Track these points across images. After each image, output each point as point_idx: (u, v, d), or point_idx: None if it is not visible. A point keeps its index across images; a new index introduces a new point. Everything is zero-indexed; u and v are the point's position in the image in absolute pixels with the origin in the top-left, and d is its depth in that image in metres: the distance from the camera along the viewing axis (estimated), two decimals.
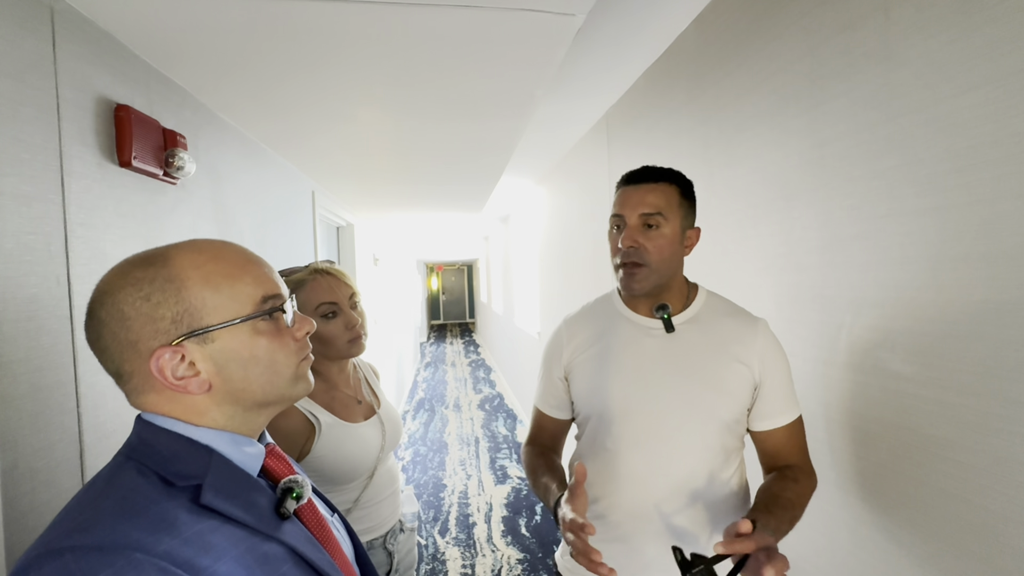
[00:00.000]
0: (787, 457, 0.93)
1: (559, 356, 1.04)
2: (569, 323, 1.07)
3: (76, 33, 0.96)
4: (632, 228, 0.91)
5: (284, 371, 0.58)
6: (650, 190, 0.91)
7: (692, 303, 0.97)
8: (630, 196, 0.93)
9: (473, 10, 0.99)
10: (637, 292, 0.93)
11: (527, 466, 1.03)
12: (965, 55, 0.74)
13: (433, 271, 16.58)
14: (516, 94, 1.46)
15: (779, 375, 0.92)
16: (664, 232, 0.91)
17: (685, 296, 0.98)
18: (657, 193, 0.91)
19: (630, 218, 0.92)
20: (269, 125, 1.69)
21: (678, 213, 0.92)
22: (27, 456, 0.81)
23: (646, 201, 0.91)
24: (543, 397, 1.07)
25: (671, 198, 0.91)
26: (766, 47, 1.18)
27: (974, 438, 0.76)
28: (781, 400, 0.92)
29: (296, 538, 0.55)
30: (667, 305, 0.94)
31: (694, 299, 0.98)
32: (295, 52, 1.16)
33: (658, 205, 0.90)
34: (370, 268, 4.26)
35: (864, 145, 0.93)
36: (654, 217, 0.90)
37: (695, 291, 0.99)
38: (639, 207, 0.91)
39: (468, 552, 2.91)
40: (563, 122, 2.49)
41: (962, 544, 0.79)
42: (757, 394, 0.92)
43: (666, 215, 0.90)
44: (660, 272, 0.92)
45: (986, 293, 0.73)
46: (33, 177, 0.85)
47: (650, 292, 0.94)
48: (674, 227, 0.91)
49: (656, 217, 0.90)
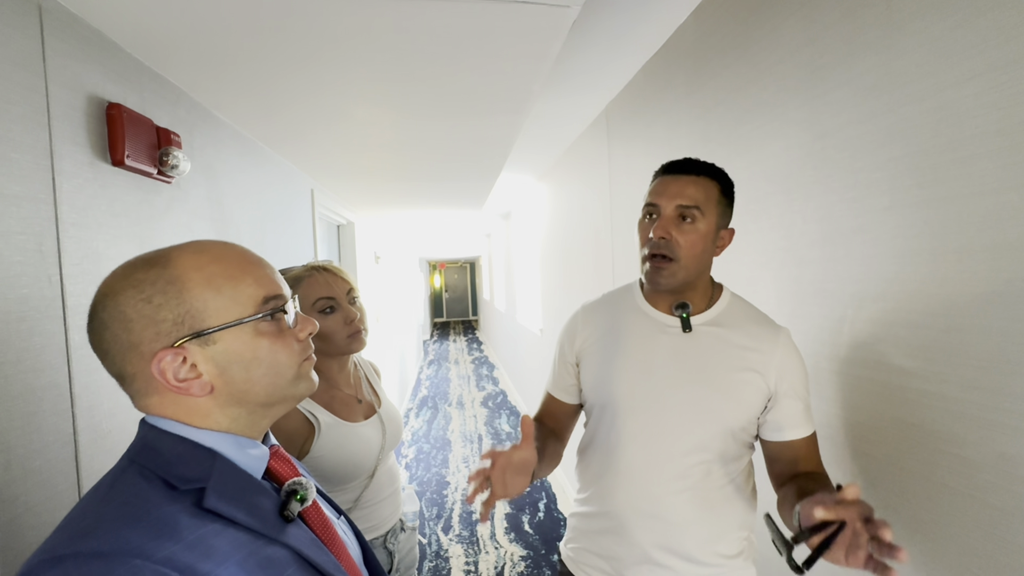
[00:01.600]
0: (807, 466, 0.89)
1: (572, 341, 1.04)
2: (586, 309, 1.05)
3: (65, 31, 0.96)
4: (666, 219, 0.87)
5: (287, 372, 0.58)
6: (691, 182, 0.87)
7: (714, 304, 0.94)
8: (668, 185, 0.88)
9: (467, 3, 0.97)
10: (663, 287, 0.90)
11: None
12: (969, 41, 0.72)
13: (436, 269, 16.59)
14: (513, 88, 1.44)
15: (796, 389, 0.89)
16: (699, 227, 0.86)
17: (709, 297, 0.94)
18: (697, 186, 0.87)
19: (666, 208, 0.87)
20: (265, 123, 1.68)
21: (715, 211, 0.88)
22: (21, 458, 0.81)
23: (685, 193, 0.86)
24: (554, 380, 1.08)
25: (710, 194, 0.87)
26: (765, 37, 1.16)
27: (978, 433, 0.75)
28: (796, 414, 0.88)
29: (300, 541, 0.55)
30: (688, 304, 0.91)
31: (717, 300, 0.94)
32: (289, 48, 1.15)
33: (696, 199, 0.86)
34: (371, 266, 4.25)
35: (866, 136, 0.91)
36: (691, 210, 0.86)
37: (719, 292, 0.96)
38: (677, 198, 0.86)
39: (471, 549, 2.91)
40: (562, 117, 2.47)
41: (966, 541, 0.77)
42: (770, 405, 0.89)
43: (703, 210, 0.86)
44: (688, 269, 0.88)
45: (990, 286, 0.71)
46: (23, 177, 0.85)
47: (675, 289, 0.91)
48: (709, 224, 0.87)
49: (693, 211, 0.86)
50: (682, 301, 0.91)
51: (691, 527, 0.90)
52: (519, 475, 0.77)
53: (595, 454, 0.99)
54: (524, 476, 0.77)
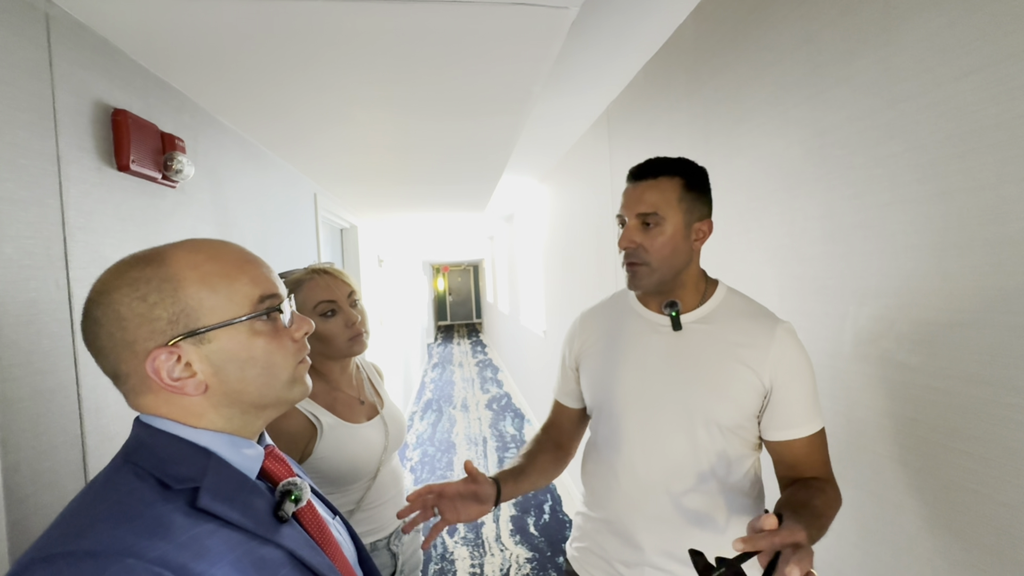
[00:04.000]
0: (807, 471, 0.86)
1: (571, 347, 1.07)
2: (584, 316, 1.09)
3: (72, 39, 0.97)
4: (630, 228, 0.90)
5: (281, 373, 0.57)
6: (648, 187, 0.89)
7: (707, 301, 0.93)
8: (629, 195, 0.91)
9: (466, 5, 0.98)
10: (642, 290, 0.92)
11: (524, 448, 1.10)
12: (966, 37, 0.72)
13: (439, 272, 16.61)
14: (513, 90, 1.45)
15: (797, 384, 0.85)
16: (664, 230, 0.87)
17: (701, 293, 0.94)
18: (655, 191, 0.88)
19: (629, 218, 0.90)
20: (268, 127, 1.69)
21: (679, 208, 0.88)
22: (29, 459, 0.82)
23: (643, 200, 0.88)
24: (558, 386, 1.11)
25: (670, 194, 0.88)
26: (764, 36, 1.17)
27: (982, 428, 0.74)
28: (799, 411, 0.85)
29: (295, 541, 0.55)
30: (676, 303, 0.91)
31: (710, 297, 0.93)
32: (290, 53, 1.17)
33: (655, 204, 0.87)
34: (375, 269, 4.27)
35: (865, 132, 0.91)
36: (650, 216, 0.88)
37: (713, 288, 0.95)
38: (636, 206, 0.89)
39: (477, 551, 2.91)
40: (564, 119, 2.48)
41: (973, 536, 0.77)
42: (768, 402, 0.87)
43: (663, 213, 0.87)
44: (662, 270, 0.89)
45: (991, 280, 0.71)
46: (31, 182, 0.86)
47: (657, 289, 0.92)
48: (675, 224, 0.88)
49: (653, 217, 0.88)
50: (671, 300, 0.92)
51: (692, 529, 0.89)
52: (473, 504, 0.87)
53: (596, 456, 1.00)
54: (481, 505, 0.88)
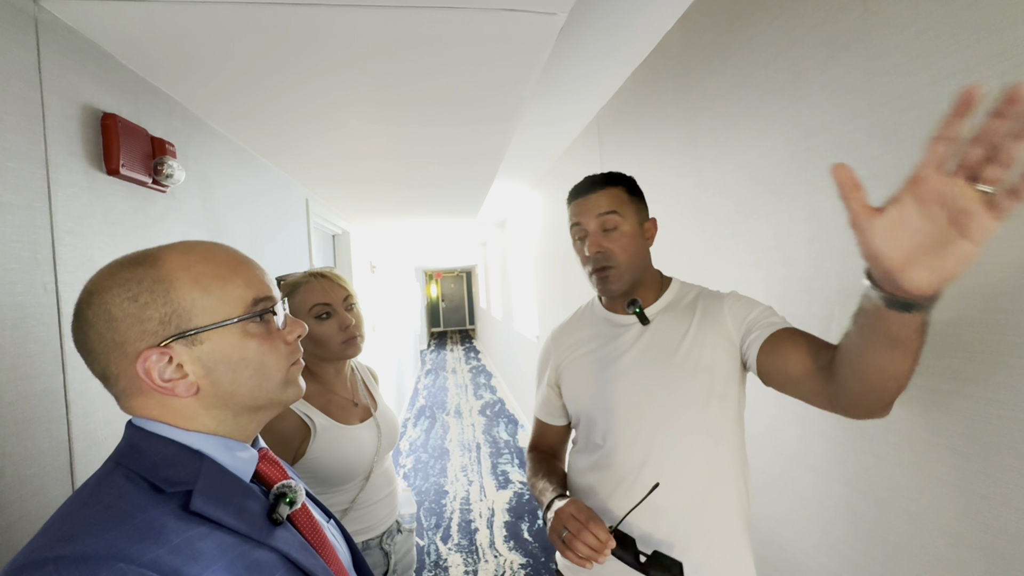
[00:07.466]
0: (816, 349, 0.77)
1: (547, 365, 1.11)
2: (555, 334, 1.12)
3: (60, 42, 0.97)
4: (594, 234, 0.94)
5: (274, 375, 0.57)
6: (601, 195, 0.95)
7: (664, 293, 1.00)
8: (582, 205, 0.96)
9: (455, 11, 0.99)
10: (616, 293, 0.96)
11: (529, 470, 1.08)
12: (942, 43, 0.74)
13: (432, 278, 16.59)
14: (503, 96, 1.46)
15: (754, 307, 0.89)
16: (624, 230, 0.94)
17: (659, 288, 1.01)
18: (608, 195, 0.94)
19: (590, 224, 0.94)
20: (259, 133, 1.69)
21: (631, 209, 0.95)
22: (15, 464, 0.81)
23: (601, 203, 0.94)
24: (540, 406, 1.13)
25: (621, 198, 0.95)
26: (749, 43, 1.19)
27: (965, 423, 0.76)
28: (767, 318, 0.87)
29: (289, 544, 0.54)
30: (637, 300, 0.96)
31: (667, 290, 1.01)
32: (281, 59, 1.17)
33: (612, 204, 0.94)
34: (367, 276, 4.26)
35: (848, 135, 0.93)
36: (611, 217, 0.93)
37: (668, 282, 1.02)
38: (595, 209, 0.94)
39: (471, 558, 2.89)
40: (554, 125, 2.50)
41: (957, 532, 0.78)
42: (744, 338, 0.88)
43: (622, 213, 0.94)
44: (632, 268, 0.95)
45: (971, 278, 0.73)
46: (18, 185, 0.86)
47: (628, 290, 0.97)
48: (631, 223, 0.95)
49: (613, 216, 0.93)
50: (632, 299, 0.96)
51: (688, 518, 0.90)
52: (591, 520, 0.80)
53: (586, 461, 1.00)
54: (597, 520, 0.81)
